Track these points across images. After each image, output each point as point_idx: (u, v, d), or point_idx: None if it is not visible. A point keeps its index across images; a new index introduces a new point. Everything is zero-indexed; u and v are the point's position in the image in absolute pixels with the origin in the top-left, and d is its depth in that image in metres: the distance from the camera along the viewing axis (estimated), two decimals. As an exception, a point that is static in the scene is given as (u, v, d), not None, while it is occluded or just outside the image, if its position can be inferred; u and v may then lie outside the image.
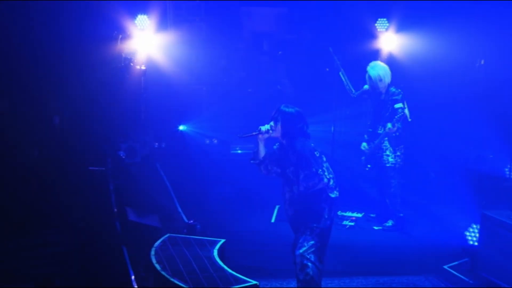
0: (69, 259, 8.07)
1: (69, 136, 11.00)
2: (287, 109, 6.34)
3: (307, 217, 6.34)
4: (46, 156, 10.70)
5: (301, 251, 6.32)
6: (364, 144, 9.66)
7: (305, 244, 6.32)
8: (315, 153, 6.29)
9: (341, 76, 10.27)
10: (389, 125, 9.11)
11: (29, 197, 9.48)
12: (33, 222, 9.01)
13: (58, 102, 11.17)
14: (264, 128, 6.30)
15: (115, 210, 9.17)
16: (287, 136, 6.31)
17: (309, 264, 6.30)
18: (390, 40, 13.26)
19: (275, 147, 6.57)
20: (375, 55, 13.27)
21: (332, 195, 6.37)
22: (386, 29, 13.30)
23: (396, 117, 9.08)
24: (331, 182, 6.35)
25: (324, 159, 6.36)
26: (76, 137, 11.03)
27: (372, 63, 9.65)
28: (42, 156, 10.74)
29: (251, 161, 6.54)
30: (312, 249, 6.32)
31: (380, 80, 9.42)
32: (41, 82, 10.80)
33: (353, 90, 10.16)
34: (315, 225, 6.31)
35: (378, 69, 9.48)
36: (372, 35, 13.29)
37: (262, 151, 6.43)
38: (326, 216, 6.35)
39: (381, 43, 13.32)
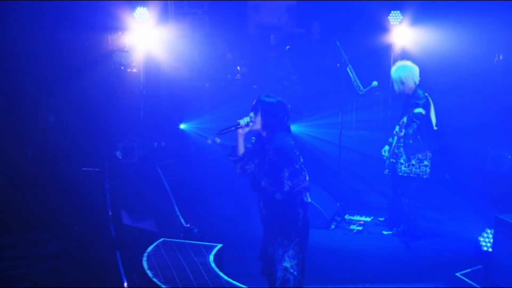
0: (61, 263, 8.04)
1: (64, 135, 11.01)
2: (267, 99, 6.20)
3: (282, 224, 6.21)
4: (39, 156, 10.70)
5: (284, 264, 6.21)
6: (386, 148, 9.50)
7: (286, 257, 6.20)
8: (295, 151, 6.14)
9: (349, 71, 10.16)
10: (396, 128, 8.98)
11: (22, 199, 9.47)
12: (26, 224, 8.99)
13: (53, 100, 11.19)
14: (243, 121, 6.16)
15: (110, 213, 9.15)
16: (267, 127, 6.17)
17: (291, 278, 6.21)
18: (404, 34, 13.21)
19: (252, 140, 6.42)
20: (387, 49, 13.21)
21: (306, 199, 6.25)
22: (400, 22, 13.24)
23: (400, 122, 8.91)
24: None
25: (301, 160, 6.21)
26: (71, 136, 11.04)
27: (397, 64, 9.40)
28: (35, 156, 10.74)
29: (228, 157, 6.31)
30: (295, 261, 6.20)
31: (402, 83, 9.20)
32: (36, 79, 10.82)
33: (361, 87, 10.05)
34: (292, 233, 6.20)
35: (400, 71, 9.23)
36: (384, 29, 13.22)
37: (241, 147, 6.24)
38: (301, 222, 6.23)
39: (394, 37, 13.25)
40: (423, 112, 8.97)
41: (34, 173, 10.24)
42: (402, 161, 9.20)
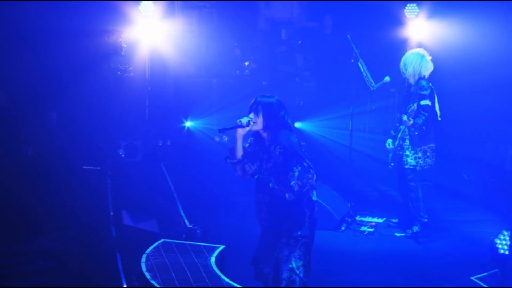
0: (61, 263, 8.03)
1: (66, 133, 11.03)
2: (266, 99, 6.16)
3: (288, 224, 6.15)
4: (40, 154, 10.73)
5: (290, 265, 6.15)
6: (389, 141, 9.46)
7: (292, 258, 6.15)
8: (302, 148, 6.12)
9: (360, 66, 10.09)
10: (404, 117, 8.92)
11: (22, 198, 9.50)
12: (26, 224, 9.02)
13: (55, 97, 11.22)
14: (244, 120, 6.09)
15: (111, 213, 9.14)
16: (269, 127, 6.13)
17: (297, 279, 6.16)
18: (420, 28, 13.08)
19: (248, 141, 6.37)
20: (403, 44, 13.11)
21: (313, 198, 6.19)
22: (416, 16, 13.12)
23: (409, 110, 8.86)
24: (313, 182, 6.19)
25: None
26: (73, 134, 11.06)
27: (414, 49, 9.44)
28: (36, 154, 10.77)
29: (227, 160, 6.24)
30: (301, 262, 6.15)
31: (405, 68, 9.21)
32: (38, 76, 10.87)
33: (373, 82, 9.98)
34: (299, 233, 6.14)
35: (409, 55, 9.21)
36: (400, 22, 13.11)
37: (240, 149, 6.16)
38: (308, 222, 6.18)
39: (410, 31, 13.13)
40: (430, 103, 8.97)
41: (34, 171, 10.27)
42: (408, 153, 9.17)
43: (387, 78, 9.89)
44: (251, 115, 6.09)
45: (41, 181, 10.07)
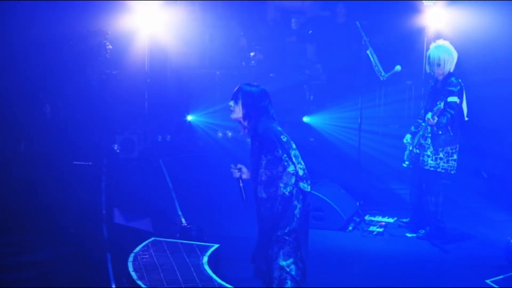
0: (51, 263, 8.04)
1: (60, 127, 11.04)
2: (248, 87, 6.15)
3: (277, 218, 6.10)
4: (32, 149, 10.74)
5: (279, 263, 6.07)
6: (408, 136, 9.36)
7: (281, 255, 6.09)
8: (282, 137, 6.05)
9: (369, 55, 10.01)
10: (428, 115, 8.80)
11: (13, 195, 9.55)
12: (16, 223, 9.04)
13: (49, 90, 11.24)
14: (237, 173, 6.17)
15: (104, 211, 9.13)
16: (249, 116, 6.12)
17: (288, 277, 6.08)
18: (439, 16, 12.96)
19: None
20: (419, 33, 13.02)
21: (303, 189, 6.12)
22: (434, 3, 13.01)
23: (435, 109, 8.74)
24: (301, 172, 6.10)
25: (294, 146, 6.10)
26: (68, 128, 11.07)
27: (439, 42, 9.21)
28: (28, 149, 10.79)
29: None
30: (291, 260, 6.09)
31: (439, 64, 9.02)
32: (31, 69, 10.89)
33: (383, 72, 9.90)
34: (287, 229, 6.08)
35: (441, 51, 9.03)
36: (417, 10, 13.00)
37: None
38: (299, 216, 6.11)
39: (428, 20, 13.02)
40: (458, 101, 8.84)
41: (26, 167, 10.28)
42: (429, 153, 9.03)
43: (398, 67, 9.80)
44: (231, 102, 6.10)
45: (33, 177, 10.08)
